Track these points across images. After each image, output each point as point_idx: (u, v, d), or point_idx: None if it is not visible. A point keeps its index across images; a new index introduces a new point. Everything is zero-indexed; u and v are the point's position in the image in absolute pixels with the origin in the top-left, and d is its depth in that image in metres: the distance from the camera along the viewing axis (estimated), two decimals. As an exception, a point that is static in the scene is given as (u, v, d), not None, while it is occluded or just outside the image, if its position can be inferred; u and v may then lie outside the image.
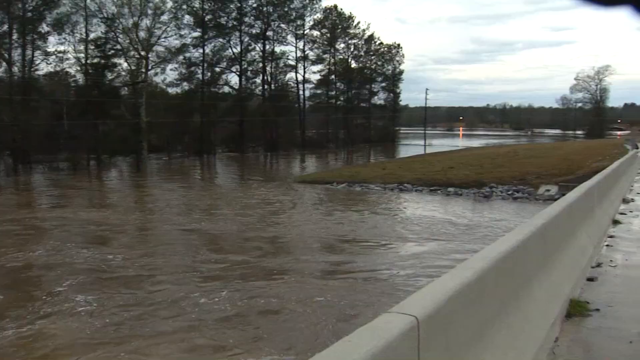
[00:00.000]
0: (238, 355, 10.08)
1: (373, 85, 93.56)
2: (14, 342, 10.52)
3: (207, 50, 67.87)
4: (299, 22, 77.54)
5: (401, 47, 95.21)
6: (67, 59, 54.95)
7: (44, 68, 54.61)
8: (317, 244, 19.52)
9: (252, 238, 20.23)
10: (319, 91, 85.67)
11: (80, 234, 21.26)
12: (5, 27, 50.19)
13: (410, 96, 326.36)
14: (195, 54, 66.87)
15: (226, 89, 72.29)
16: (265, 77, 74.44)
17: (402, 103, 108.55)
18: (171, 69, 66.05)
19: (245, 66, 72.13)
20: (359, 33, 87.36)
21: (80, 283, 14.61)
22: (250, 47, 72.88)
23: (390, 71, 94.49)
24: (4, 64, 51.15)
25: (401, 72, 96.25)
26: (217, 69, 70.09)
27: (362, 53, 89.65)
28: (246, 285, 14.16)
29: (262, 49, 73.52)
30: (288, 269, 15.87)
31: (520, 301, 4.61)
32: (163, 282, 14.56)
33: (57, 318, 11.82)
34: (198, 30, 66.14)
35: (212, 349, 10.48)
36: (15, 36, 50.78)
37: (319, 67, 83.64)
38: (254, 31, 72.62)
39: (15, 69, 51.05)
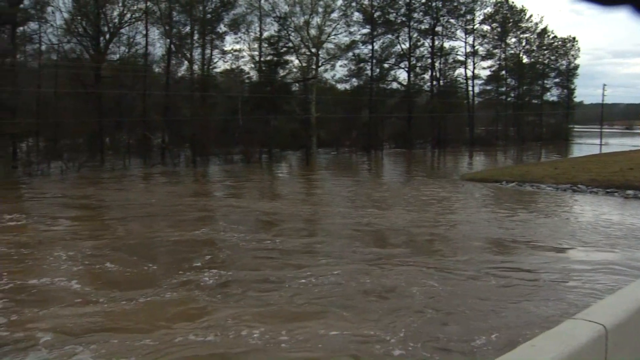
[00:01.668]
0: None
1: (546, 81, 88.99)
2: (140, 308, 11.48)
3: (376, 46, 67.82)
4: (468, 17, 75.30)
5: (576, 41, 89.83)
6: (242, 56, 57.33)
7: (220, 66, 57.60)
8: (483, 243, 18.43)
9: (418, 234, 19.62)
10: (488, 87, 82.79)
11: (246, 220, 22.03)
12: (188, 29, 53.56)
13: (585, 92, 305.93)
14: (365, 50, 67.10)
15: (394, 85, 71.87)
16: (434, 73, 73.22)
17: (577, 99, 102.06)
18: (341, 66, 67.02)
19: (414, 62, 71.14)
20: (532, 27, 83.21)
21: (223, 260, 15.52)
22: (418, 43, 71.77)
23: (564, 66, 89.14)
24: (185, 63, 54.64)
25: (576, 67, 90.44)
26: (386, 65, 69.75)
27: (535, 47, 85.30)
28: (394, 276, 13.82)
29: (430, 44, 72.29)
30: (447, 264, 15.20)
31: None
32: (303, 266, 14.65)
33: (185, 288, 12.72)
34: (367, 26, 66.28)
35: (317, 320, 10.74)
36: (195, 37, 53.94)
37: (488, 62, 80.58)
38: (422, 27, 71.43)
39: (195, 67, 54.27)
